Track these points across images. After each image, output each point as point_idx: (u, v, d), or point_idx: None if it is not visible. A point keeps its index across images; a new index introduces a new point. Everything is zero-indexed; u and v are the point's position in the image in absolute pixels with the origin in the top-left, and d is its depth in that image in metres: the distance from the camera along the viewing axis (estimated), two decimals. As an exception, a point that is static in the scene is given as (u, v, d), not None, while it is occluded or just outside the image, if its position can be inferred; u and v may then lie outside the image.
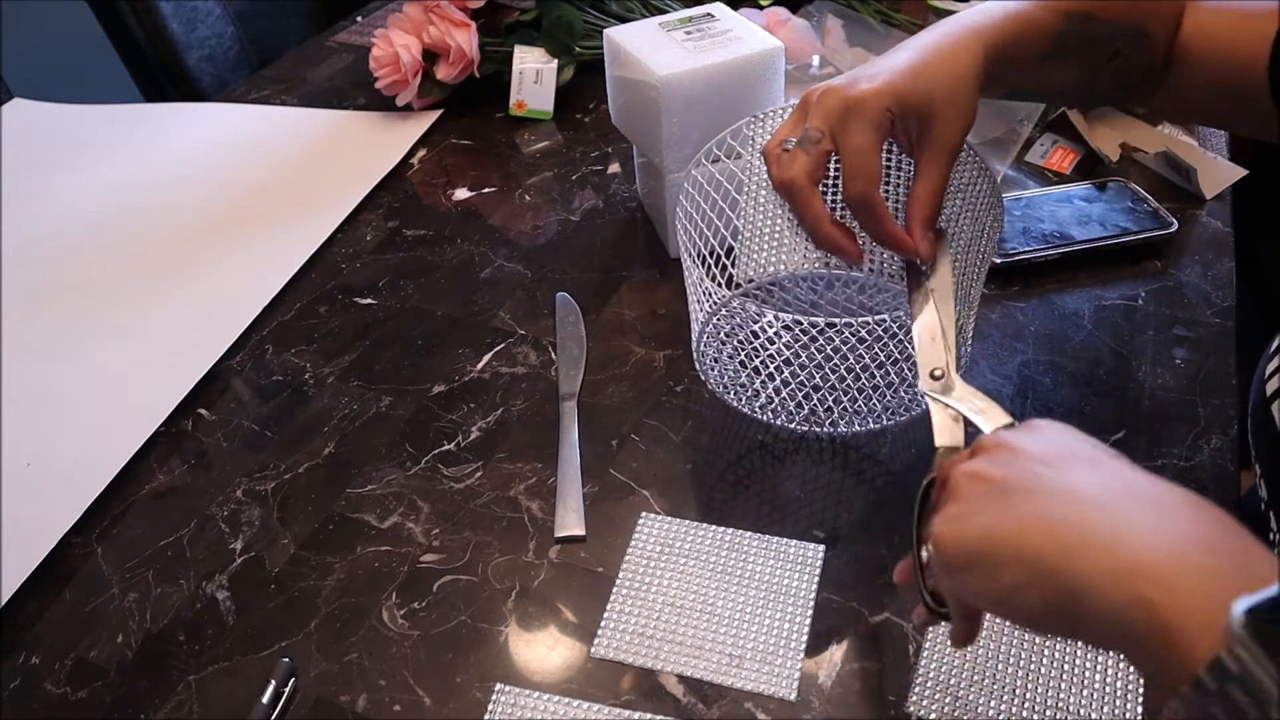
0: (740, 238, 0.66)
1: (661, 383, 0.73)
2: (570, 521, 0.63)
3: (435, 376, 0.75)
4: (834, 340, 0.59)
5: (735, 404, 0.67)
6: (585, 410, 0.71)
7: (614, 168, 0.97)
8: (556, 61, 1.05)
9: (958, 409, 0.51)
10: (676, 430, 0.69)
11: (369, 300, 0.83)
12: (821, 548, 0.60)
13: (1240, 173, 0.86)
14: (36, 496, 0.68)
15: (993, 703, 0.52)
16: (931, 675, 0.54)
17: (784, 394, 0.65)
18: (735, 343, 0.66)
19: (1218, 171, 0.86)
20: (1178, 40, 0.62)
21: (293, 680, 0.55)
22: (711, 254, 0.63)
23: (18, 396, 0.76)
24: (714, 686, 0.54)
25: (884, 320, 0.58)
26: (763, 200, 0.65)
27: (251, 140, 1.07)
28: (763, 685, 0.54)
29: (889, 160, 0.65)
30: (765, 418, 0.67)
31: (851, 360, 0.60)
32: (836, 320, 0.58)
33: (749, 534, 0.62)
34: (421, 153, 1.02)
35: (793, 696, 0.53)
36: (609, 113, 0.87)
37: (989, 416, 0.49)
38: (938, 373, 0.53)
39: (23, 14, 1.81)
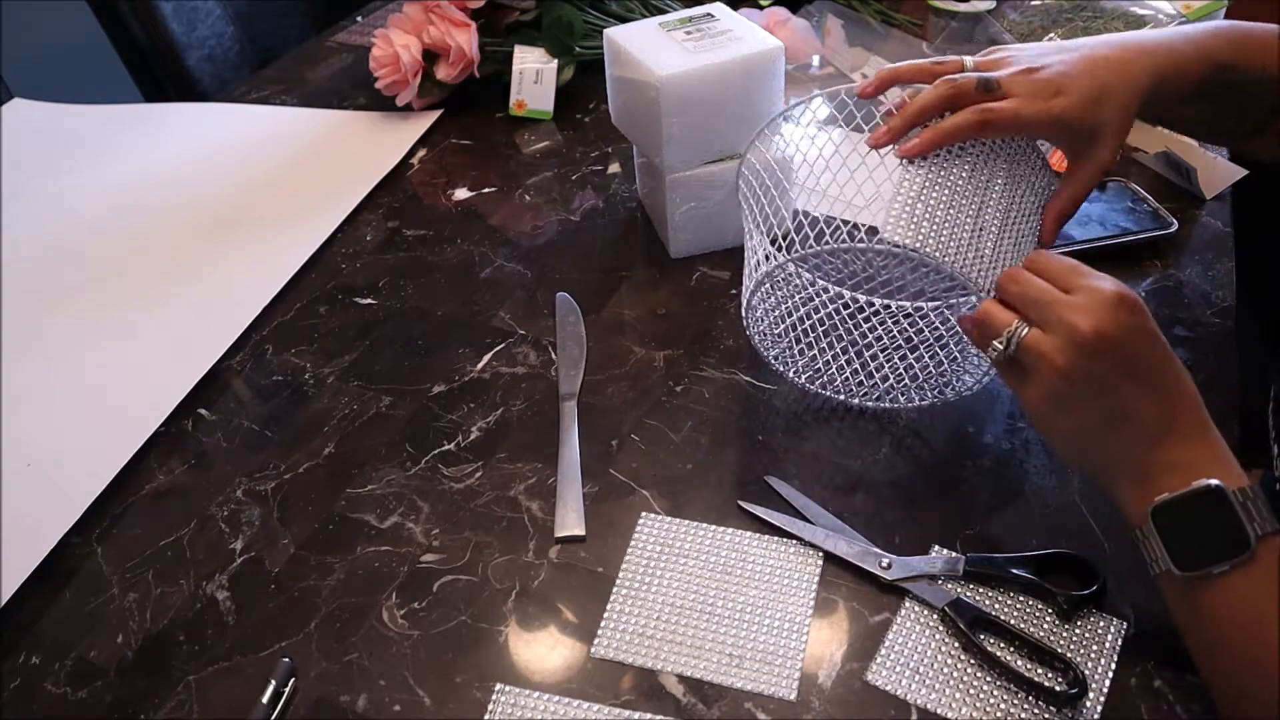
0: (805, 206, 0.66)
1: (661, 383, 0.73)
2: (570, 521, 0.63)
3: (435, 376, 0.75)
4: (872, 317, 0.61)
5: (765, 352, 0.70)
6: (585, 410, 0.71)
7: (614, 168, 0.97)
8: (556, 61, 1.05)
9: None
10: (676, 430, 0.69)
11: (369, 300, 0.83)
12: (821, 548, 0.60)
13: (1240, 173, 0.86)
14: (36, 496, 0.68)
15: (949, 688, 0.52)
16: (895, 650, 0.54)
17: (817, 355, 0.68)
18: (783, 306, 0.69)
19: (1218, 171, 0.86)
20: None
21: (293, 680, 0.55)
22: (775, 214, 0.63)
23: (18, 396, 0.76)
24: (714, 686, 0.54)
25: (920, 307, 0.58)
26: (830, 170, 0.65)
27: (251, 140, 1.07)
28: (763, 685, 0.54)
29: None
30: (791, 373, 0.69)
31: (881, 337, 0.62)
32: (875, 300, 0.60)
33: (749, 534, 0.62)
34: (421, 153, 1.02)
35: (793, 696, 0.53)
36: (609, 113, 0.87)
37: None
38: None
39: (23, 14, 1.81)
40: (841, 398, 0.69)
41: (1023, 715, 0.51)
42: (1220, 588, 0.47)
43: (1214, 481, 0.47)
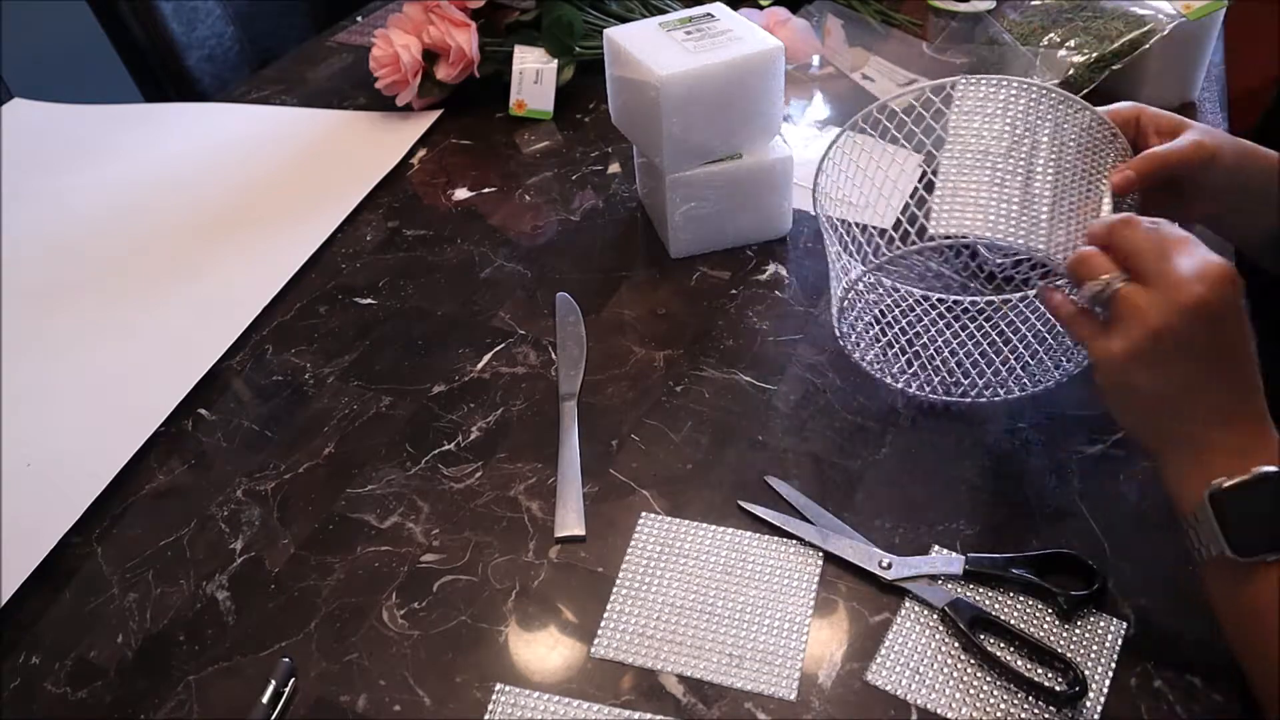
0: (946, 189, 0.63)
1: (661, 383, 0.73)
2: (570, 521, 0.63)
3: (435, 376, 0.75)
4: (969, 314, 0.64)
5: (870, 369, 0.70)
6: (585, 410, 0.71)
7: (614, 168, 0.97)
8: (556, 61, 1.05)
9: None
10: (676, 430, 0.69)
11: (369, 300, 0.83)
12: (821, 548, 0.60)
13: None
14: (36, 496, 0.68)
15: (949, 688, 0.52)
16: (895, 650, 0.54)
17: (907, 351, 0.69)
18: (874, 310, 0.70)
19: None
20: None
21: (293, 680, 0.55)
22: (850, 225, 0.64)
23: (18, 396, 0.76)
24: (714, 686, 0.54)
25: (975, 301, 0.60)
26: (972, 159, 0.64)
27: (251, 140, 1.07)
28: (763, 685, 0.54)
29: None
30: (898, 383, 0.69)
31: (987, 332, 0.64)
32: (969, 298, 0.62)
33: (749, 534, 0.62)
34: (421, 153, 1.02)
35: (793, 696, 0.53)
36: (609, 113, 0.87)
37: None
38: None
39: (23, 14, 1.81)
40: (938, 397, 0.69)
41: (1023, 715, 0.51)
42: (1270, 576, 0.47)
43: (1276, 468, 0.47)
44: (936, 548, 0.60)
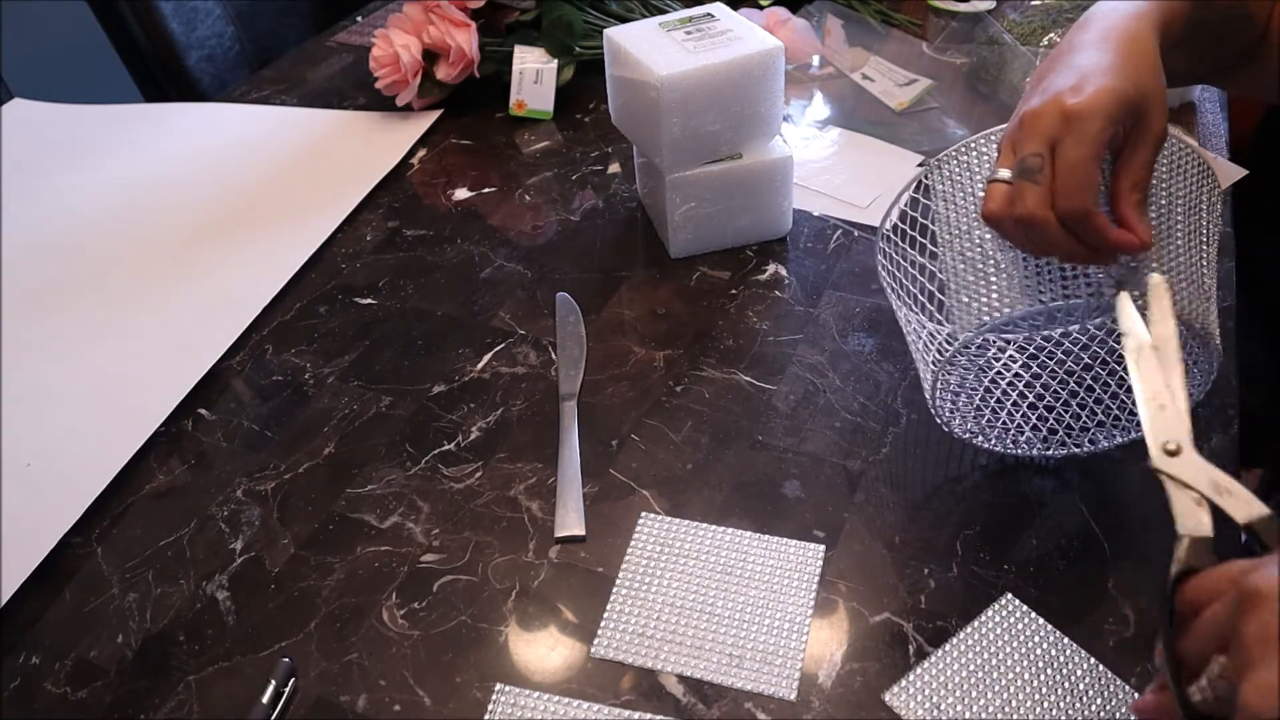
0: (952, 286, 0.57)
1: (661, 383, 0.73)
2: (570, 521, 0.63)
3: (435, 376, 0.75)
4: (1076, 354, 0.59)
5: (985, 445, 0.64)
6: (585, 410, 0.71)
7: (614, 168, 0.97)
8: (556, 61, 1.05)
9: (1200, 492, 0.43)
10: (676, 430, 0.69)
11: (369, 300, 0.83)
12: (821, 548, 0.60)
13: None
14: (36, 496, 0.68)
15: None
16: (922, 679, 0.54)
17: (1031, 418, 0.64)
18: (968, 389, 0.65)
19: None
20: (1271, 23, 0.61)
21: (293, 680, 0.55)
22: (929, 299, 0.59)
23: (18, 396, 0.76)
24: (714, 686, 0.54)
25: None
26: (969, 244, 0.58)
27: (251, 140, 1.07)
28: (763, 685, 0.54)
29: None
30: (1018, 450, 0.64)
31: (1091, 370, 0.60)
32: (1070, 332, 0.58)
33: (749, 534, 0.62)
34: (421, 153, 1.02)
35: (793, 696, 0.53)
36: (609, 113, 0.87)
37: (1237, 500, 0.42)
38: (1171, 446, 0.45)
39: (23, 14, 1.81)
40: (1035, 452, 0.64)
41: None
42: None
43: None
44: None
